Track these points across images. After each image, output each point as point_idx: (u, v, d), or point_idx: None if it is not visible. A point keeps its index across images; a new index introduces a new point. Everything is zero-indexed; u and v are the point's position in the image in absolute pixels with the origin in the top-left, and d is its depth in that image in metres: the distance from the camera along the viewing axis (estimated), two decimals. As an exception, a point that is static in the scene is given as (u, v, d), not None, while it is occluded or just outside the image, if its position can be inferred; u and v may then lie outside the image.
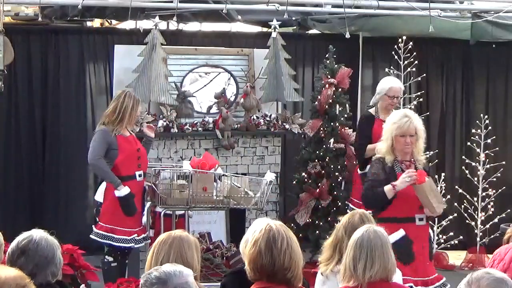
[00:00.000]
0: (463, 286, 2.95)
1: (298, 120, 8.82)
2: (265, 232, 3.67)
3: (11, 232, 4.09)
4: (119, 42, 9.01)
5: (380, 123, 7.52)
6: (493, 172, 9.16)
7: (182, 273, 3.08)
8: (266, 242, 3.63)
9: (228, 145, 8.50)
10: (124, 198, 6.87)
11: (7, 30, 7.37)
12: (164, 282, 3.03)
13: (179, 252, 3.73)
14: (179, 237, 3.80)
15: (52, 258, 3.77)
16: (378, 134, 7.42)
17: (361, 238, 3.95)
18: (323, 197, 8.20)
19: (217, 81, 8.82)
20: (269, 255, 3.62)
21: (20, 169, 9.21)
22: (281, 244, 3.62)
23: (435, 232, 9.14)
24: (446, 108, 10.19)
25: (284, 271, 3.62)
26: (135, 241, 6.99)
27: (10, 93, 9.02)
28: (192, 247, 3.77)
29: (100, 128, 6.98)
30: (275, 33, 8.62)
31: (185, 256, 3.70)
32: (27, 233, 3.85)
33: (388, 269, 3.93)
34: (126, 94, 6.99)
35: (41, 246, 3.78)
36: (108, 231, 6.91)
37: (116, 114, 6.91)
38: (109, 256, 7.03)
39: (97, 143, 6.92)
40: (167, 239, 3.81)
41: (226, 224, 8.52)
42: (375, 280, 3.87)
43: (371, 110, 7.75)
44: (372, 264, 3.89)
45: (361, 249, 3.92)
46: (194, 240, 3.84)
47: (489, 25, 8.60)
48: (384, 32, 9.50)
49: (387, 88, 7.52)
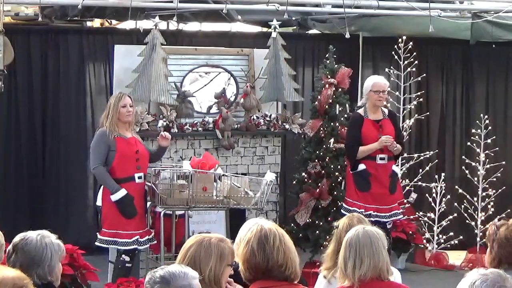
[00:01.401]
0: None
1: (298, 120, 8.82)
2: (257, 231, 3.67)
3: (11, 232, 4.09)
4: (119, 42, 9.01)
5: (369, 123, 7.63)
6: (493, 172, 9.16)
7: (187, 275, 3.07)
8: (258, 241, 3.62)
9: (228, 145, 8.50)
10: (120, 201, 6.86)
11: (7, 30, 7.37)
12: (167, 282, 3.04)
13: (193, 256, 3.66)
14: (200, 241, 3.72)
15: (40, 260, 3.73)
16: (367, 135, 7.58)
17: (351, 238, 3.98)
18: (323, 197, 8.20)
19: (217, 81, 8.82)
20: (262, 253, 3.61)
21: (20, 169, 9.22)
22: (273, 241, 3.62)
23: (435, 232, 9.15)
24: (446, 108, 10.20)
25: (280, 268, 3.62)
26: (138, 243, 6.97)
27: (10, 93, 9.03)
28: (210, 255, 3.63)
29: (98, 130, 7.03)
30: (275, 33, 8.61)
31: (198, 262, 3.61)
32: (25, 233, 3.85)
33: (379, 268, 3.92)
34: (113, 95, 7.06)
35: (29, 246, 3.76)
36: (111, 236, 6.90)
37: (105, 114, 6.98)
38: (126, 256, 7.02)
39: (96, 147, 6.95)
40: (192, 240, 3.75)
41: (226, 224, 8.49)
42: (366, 279, 3.88)
43: (359, 111, 7.81)
44: (361, 263, 3.90)
45: (350, 249, 3.95)
46: (220, 249, 3.66)
47: (489, 25, 8.59)
48: (384, 32, 9.50)
49: (371, 84, 7.77)
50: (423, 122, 9.99)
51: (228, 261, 3.70)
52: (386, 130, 7.71)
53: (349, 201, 7.78)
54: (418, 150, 9.67)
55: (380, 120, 7.77)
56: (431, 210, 9.20)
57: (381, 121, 7.77)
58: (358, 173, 7.74)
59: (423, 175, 9.32)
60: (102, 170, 6.91)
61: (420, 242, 8.91)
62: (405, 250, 8.86)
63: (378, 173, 7.74)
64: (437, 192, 9.11)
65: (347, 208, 7.66)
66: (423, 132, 10.24)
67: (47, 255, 3.77)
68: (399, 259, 8.79)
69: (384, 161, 7.74)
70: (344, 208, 7.73)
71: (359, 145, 7.66)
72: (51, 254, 3.79)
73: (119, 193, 6.85)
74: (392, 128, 7.80)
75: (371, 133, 7.70)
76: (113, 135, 6.90)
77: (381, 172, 7.76)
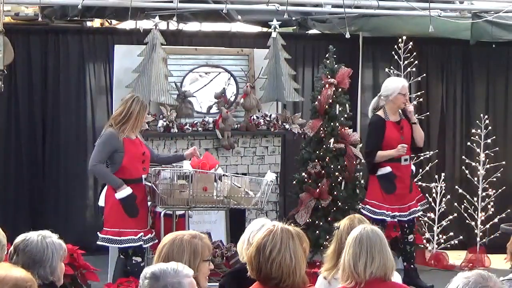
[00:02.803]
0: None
1: (298, 120, 8.82)
2: (261, 236, 3.58)
3: (11, 232, 4.09)
4: (119, 42, 9.01)
5: (390, 125, 7.69)
6: (493, 172, 9.15)
7: (178, 273, 3.10)
8: (256, 248, 3.53)
9: (228, 145, 8.50)
10: (125, 199, 6.86)
11: (7, 30, 7.37)
12: (156, 278, 3.08)
13: (167, 254, 3.67)
14: (173, 240, 3.73)
15: (41, 260, 3.74)
16: (391, 137, 7.67)
17: (360, 235, 3.97)
18: (323, 197, 8.20)
19: (217, 81, 8.82)
20: (256, 262, 3.52)
21: (20, 169, 9.21)
22: (270, 252, 3.48)
23: (435, 232, 9.15)
24: (446, 108, 10.19)
25: (273, 280, 3.48)
26: (143, 240, 6.96)
27: (10, 93, 9.03)
28: (183, 252, 3.66)
29: (108, 130, 6.94)
30: (275, 33, 8.62)
31: (172, 260, 3.59)
32: (26, 233, 3.85)
33: (387, 267, 3.93)
34: (134, 99, 6.97)
35: (31, 247, 3.77)
36: (115, 234, 6.88)
37: (122, 117, 6.87)
38: (136, 257, 6.99)
39: (101, 148, 6.90)
40: (166, 239, 3.79)
41: (226, 224, 8.52)
42: (374, 278, 3.87)
43: (379, 114, 7.82)
44: (372, 260, 3.90)
45: (361, 246, 3.93)
46: (193, 245, 3.70)
47: (489, 25, 8.59)
48: (384, 32, 9.50)
49: (400, 87, 7.82)
50: (423, 122, 9.95)
51: (203, 257, 3.71)
52: (405, 131, 7.90)
53: (375, 204, 7.83)
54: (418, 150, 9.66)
55: (400, 121, 7.91)
56: (431, 210, 9.18)
57: (400, 122, 7.91)
58: (384, 175, 7.84)
59: (423, 175, 9.31)
60: (102, 167, 6.89)
61: (420, 242, 8.89)
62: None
63: (402, 174, 7.90)
64: (437, 192, 9.11)
65: (374, 211, 7.78)
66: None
67: (48, 255, 3.78)
68: (399, 259, 8.78)
69: (407, 162, 7.96)
70: (370, 211, 7.79)
71: (378, 150, 7.77)
72: (52, 254, 3.79)
73: (125, 191, 6.84)
74: (409, 128, 7.96)
75: (394, 135, 7.83)
76: (122, 137, 6.88)
77: (405, 173, 7.94)
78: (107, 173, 6.91)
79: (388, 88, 7.88)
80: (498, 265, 8.32)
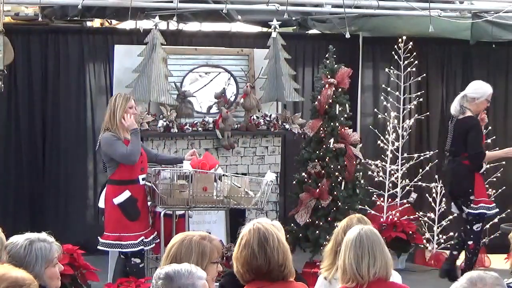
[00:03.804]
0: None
1: (298, 120, 8.82)
2: (255, 232, 3.66)
3: (11, 232, 4.09)
4: (119, 42, 9.01)
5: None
6: (493, 172, 9.15)
7: (192, 274, 3.08)
8: (258, 242, 3.64)
9: (228, 145, 8.50)
10: (123, 204, 6.85)
11: (7, 30, 7.37)
12: (170, 279, 3.06)
13: (175, 255, 3.67)
14: (182, 240, 3.74)
15: (22, 265, 3.65)
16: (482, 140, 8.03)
17: (360, 236, 3.96)
18: (323, 197, 8.20)
19: (217, 81, 8.82)
20: (263, 255, 3.64)
21: (20, 169, 9.21)
22: (272, 242, 3.66)
23: (435, 232, 9.14)
24: (446, 108, 10.18)
25: (280, 267, 3.65)
26: (144, 243, 6.95)
27: (10, 93, 9.03)
28: (191, 253, 3.67)
29: (106, 133, 6.87)
30: (275, 33, 8.62)
31: (179, 261, 3.59)
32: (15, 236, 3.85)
33: (388, 266, 3.93)
34: (116, 96, 6.99)
35: (14, 250, 3.77)
36: (115, 239, 6.87)
37: (112, 117, 6.85)
38: (135, 258, 6.99)
39: (113, 143, 6.80)
40: (175, 239, 3.77)
41: (226, 224, 8.51)
42: (377, 278, 3.87)
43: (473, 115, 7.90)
44: (375, 261, 3.90)
45: (362, 247, 3.92)
46: (201, 247, 3.72)
47: (489, 25, 8.59)
48: (384, 32, 9.50)
49: (488, 93, 7.91)
50: (423, 122, 9.98)
51: (211, 259, 3.71)
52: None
53: (487, 200, 8.02)
54: (418, 150, 9.66)
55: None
56: (431, 210, 9.19)
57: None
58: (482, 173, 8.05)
59: (423, 175, 9.31)
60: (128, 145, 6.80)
61: (420, 242, 8.90)
62: (405, 250, 8.86)
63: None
64: (437, 192, 9.11)
65: (488, 207, 7.93)
66: (423, 132, 10.24)
67: (30, 261, 3.76)
68: (399, 259, 8.79)
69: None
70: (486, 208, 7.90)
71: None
72: (36, 260, 3.77)
73: (122, 195, 6.83)
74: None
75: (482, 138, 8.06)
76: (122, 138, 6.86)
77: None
78: (137, 142, 6.83)
79: (478, 91, 7.89)
80: (498, 265, 8.32)
